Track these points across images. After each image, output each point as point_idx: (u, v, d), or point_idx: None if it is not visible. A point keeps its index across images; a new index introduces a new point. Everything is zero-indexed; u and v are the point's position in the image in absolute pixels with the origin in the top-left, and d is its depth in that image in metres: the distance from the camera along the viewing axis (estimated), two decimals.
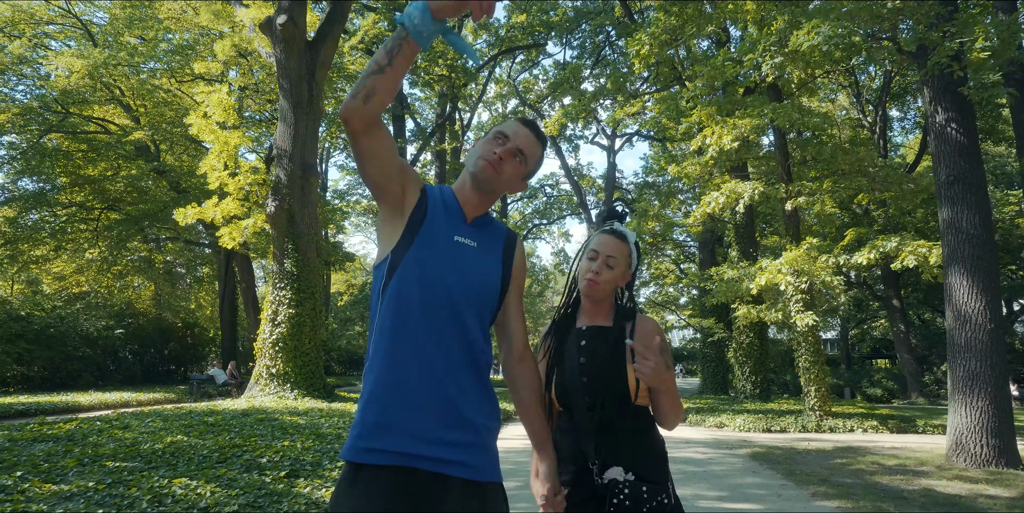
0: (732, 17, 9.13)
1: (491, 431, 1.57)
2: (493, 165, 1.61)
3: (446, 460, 1.45)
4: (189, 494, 4.17)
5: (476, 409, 1.52)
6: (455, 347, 1.52)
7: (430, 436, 1.45)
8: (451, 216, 1.63)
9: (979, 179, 7.41)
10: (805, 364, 11.84)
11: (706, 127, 9.13)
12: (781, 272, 10.08)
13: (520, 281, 1.73)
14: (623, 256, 1.93)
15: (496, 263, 1.65)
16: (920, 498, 5.51)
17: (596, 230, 2.03)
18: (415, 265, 1.53)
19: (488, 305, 1.61)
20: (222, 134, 13.19)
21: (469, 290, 1.56)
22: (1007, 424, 7.08)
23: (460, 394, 1.50)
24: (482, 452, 1.52)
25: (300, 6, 13.82)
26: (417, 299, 1.51)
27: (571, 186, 34.81)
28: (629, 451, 1.78)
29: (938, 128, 7.55)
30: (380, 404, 1.47)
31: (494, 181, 1.64)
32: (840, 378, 27.94)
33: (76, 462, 4.97)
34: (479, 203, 1.67)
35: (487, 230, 1.69)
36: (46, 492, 4.02)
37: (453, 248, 1.58)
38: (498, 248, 1.68)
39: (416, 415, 1.45)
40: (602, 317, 1.95)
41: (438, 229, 1.59)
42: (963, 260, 7.27)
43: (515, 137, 1.65)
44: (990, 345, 7.09)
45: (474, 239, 1.63)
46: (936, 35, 6.76)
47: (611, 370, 1.82)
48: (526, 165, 1.68)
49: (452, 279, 1.54)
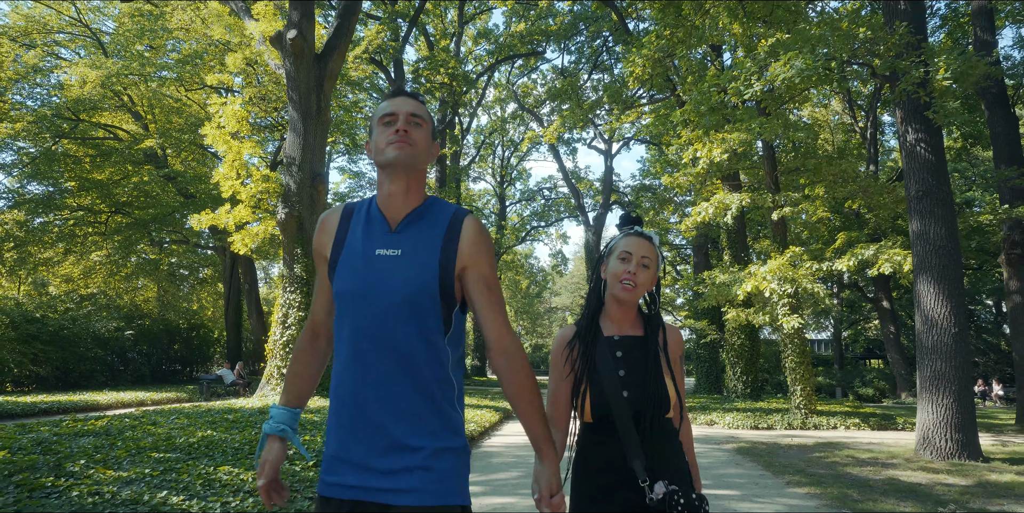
0: (719, 40, 9.72)
1: (438, 451, 1.47)
2: (404, 141, 1.55)
3: (388, 489, 1.43)
4: (234, 479, 4.75)
5: (414, 432, 1.46)
6: (389, 370, 1.48)
7: (370, 465, 1.45)
8: (371, 230, 1.58)
9: (946, 194, 8.02)
10: (791, 364, 12.45)
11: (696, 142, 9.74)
12: (766, 279, 10.69)
13: (479, 266, 1.58)
14: (654, 257, 1.90)
15: (429, 261, 1.53)
16: (883, 486, 6.11)
17: (622, 236, 1.97)
18: (341, 296, 1.54)
19: (429, 310, 1.52)
20: (235, 144, 13.77)
21: (398, 306, 1.49)
22: (970, 420, 7.69)
23: (394, 420, 1.46)
24: (430, 476, 1.45)
25: (308, 21, 14.40)
26: (348, 331, 1.52)
27: (569, 189, 35.46)
28: (669, 462, 1.79)
29: (909, 146, 8.15)
30: (331, 437, 1.53)
31: (414, 156, 1.56)
32: (833, 378, 28.55)
33: (126, 453, 5.54)
34: (406, 193, 1.59)
35: (419, 225, 1.58)
36: (109, 477, 4.59)
37: (373, 265, 1.52)
38: (435, 241, 1.56)
39: (355, 446, 1.47)
40: (629, 325, 1.92)
41: (355, 251, 1.56)
42: (930, 269, 7.88)
43: (399, 109, 1.59)
44: (954, 348, 7.70)
45: (397, 246, 1.55)
46: (905, 63, 7.37)
47: (653, 384, 1.80)
48: (427, 124, 1.62)
49: (373, 300, 1.50)
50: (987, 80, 12.08)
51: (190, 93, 21.50)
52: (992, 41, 13.29)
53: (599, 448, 1.81)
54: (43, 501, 3.89)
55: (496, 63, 26.43)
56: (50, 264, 24.44)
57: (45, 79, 20.86)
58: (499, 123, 34.21)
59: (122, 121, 22.85)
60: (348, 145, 29.80)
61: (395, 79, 24.89)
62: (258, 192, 14.17)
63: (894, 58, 7.67)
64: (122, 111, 21.98)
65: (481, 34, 26.25)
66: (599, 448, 1.81)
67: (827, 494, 5.70)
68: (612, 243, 1.97)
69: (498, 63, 26.73)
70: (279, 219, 13.80)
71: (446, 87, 22.48)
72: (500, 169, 39.55)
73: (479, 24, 28.40)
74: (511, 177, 40.46)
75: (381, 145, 1.58)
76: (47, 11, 21.18)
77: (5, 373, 16.81)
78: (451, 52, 24.79)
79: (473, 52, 28.98)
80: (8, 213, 22.03)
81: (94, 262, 25.09)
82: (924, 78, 7.39)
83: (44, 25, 20.65)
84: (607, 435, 1.80)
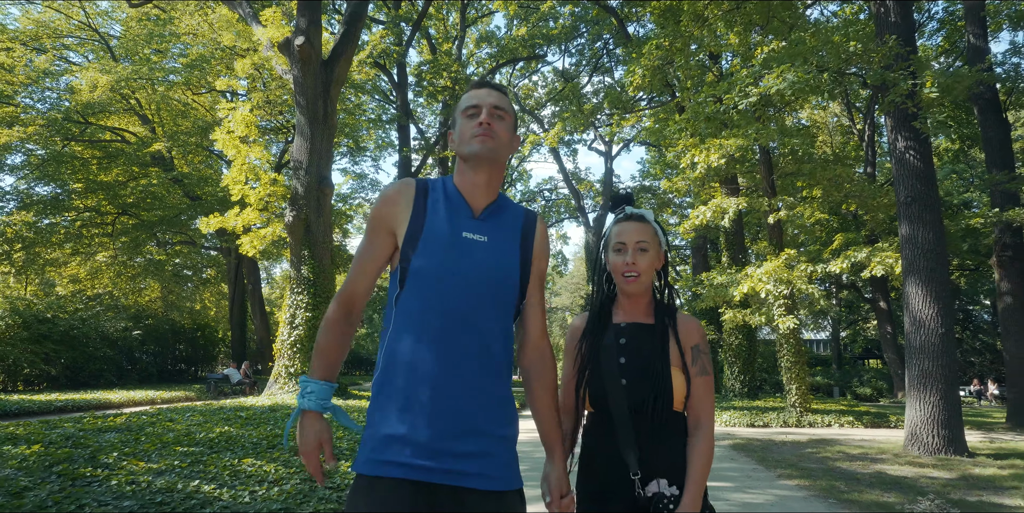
0: (716, 50, 10.07)
1: (506, 439, 1.52)
2: (487, 134, 1.57)
3: (459, 472, 1.43)
4: (258, 470, 5.07)
5: (490, 418, 1.49)
6: (470, 353, 1.49)
7: (442, 448, 1.43)
8: (456, 212, 1.59)
9: (933, 200, 8.33)
10: (787, 364, 12.77)
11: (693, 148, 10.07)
12: (762, 281, 11.01)
13: (541, 265, 1.68)
14: (651, 237, 1.81)
15: (512, 252, 1.59)
16: (870, 479, 6.43)
17: (613, 221, 1.88)
18: (422, 273, 1.51)
19: (509, 299, 1.58)
20: (244, 148, 14.10)
21: (484, 290, 1.52)
22: (956, 417, 8.00)
23: (472, 403, 1.47)
24: (496, 461, 1.48)
25: (316, 28, 14.72)
26: (426, 308, 1.50)
27: (569, 190, 35.80)
28: (672, 462, 1.67)
29: (898, 154, 8.47)
30: (387, 415, 1.47)
31: (497, 150, 1.59)
32: (831, 378, 28.87)
33: (152, 446, 5.85)
34: (487, 184, 1.62)
35: (500, 218, 1.63)
36: (142, 468, 4.90)
37: (461, 247, 1.54)
38: (515, 235, 1.62)
39: (427, 427, 1.43)
40: (641, 313, 1.83)
41: (441, 230, 1.55)
42: (919, 272, 8.19)
43: (483, 102, 1.61)
44: (941, 347, 8.01)
45: (484, 233, 1.58)
46: (894, 75, 7.69)
47: (654, 372, 1.70)
48: (510, 117, 1.65)
49: (463, 281, 1.51)
50: (979, 86, 12.42)
51: (197, 96, 21.83)
52: (985, 47, 13.60)
53: (600, 440, 1.73)
54: (85, 488, 4.21)
55: (497, 66, 26.74)
56: (57, 264, 24.77)
57: (55, 82, 21.20)
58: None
59: (129, 124, 23.20)
60: (351, 146, 30.12)
61: (398, 82, 25.21)
62: (265, 195, 14.49)
63: (884, 69, 7.99)
64: (129, 114, 22.32)
65: (483, 38, 26.55)
66: (600, 440, 1.73)
67: (816, 486, 6.02)
68: (607, 231, 1.89)
69: (499, 67, 27.03)
70: (287, 222, 14.11)
71: (448, 90, 22.80)
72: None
73: (481, 27, 28.72)
74: (512, 178, 40.77)
75: (466, 137, 1.60)
76: (56, 15, 21.54)
77: (17, 372, 17.14)
78: (453, 55, 25.12)
79: (475, 54, 29.31)
80: (17, 214, 22.35)
81: (100, 263, 25.42)
82: (912, 89, 7.71)
83: (54, 30, 20.99)
84: (608, 426, 1.72)
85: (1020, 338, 12.70)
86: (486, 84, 1.67)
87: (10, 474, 4.43)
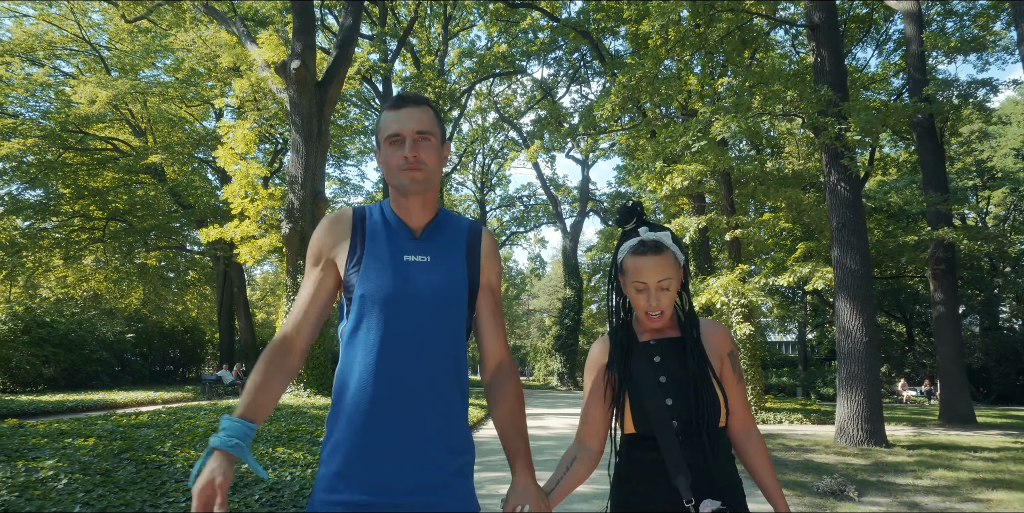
0: (677, 89, 11.37)
1: (461, 468, 1.51)
2: (414, 167, 1.52)
3: (408, 504, 1.42)
4: (290, 456, 6.15)
5: (442, 448, 1.48)
6: (420, 380, 1.47)
7: (395, 483, 1.43)
8: (395, 236, 1.57)
9: (860, 226, 9.65)
10: (743, 367, 14.10)
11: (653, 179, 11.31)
12: (718, 293, 12.30)
13: (491, 277, 1.64)
14: (673, 268, 1.66)
15: (458, 269, 1.57)
16: (797, 465, 7.68)
17: (628, 250, 1.69)
18: (366, 301, 1.49)
19: (458, 317, 1.55)
20: (245, 165, 15.08)
21: (431, 312, 1.50)
22: (877, 413, 9.32)
23: (422, 435, 1.46)
24: (452, 493, 1.47)
25: (311, 51, 15.73)
26: (372, 338, 1.48)
27: (547, 196, 37.10)
28: (720, 480, 1.61)
29: (831, 186, 9.77)
30: (339, 454, 1.45)
31: (428, 180, 1.55)
32: (796, 378, 30.30)
33: (192, 438, 6.88)
34: (422, 206, 1.59)
35: (442, 235, 1.61)
36: (195, 456, 5.95)
37: (403, 271, 1.52)
38: (459, 251, 1.60)
39: (377, 462, 1.43)
40: (667, 327, 1.74)
41: (382, 256, 1.53)
42: (847, 288, 9.50)
43: (404, 129, 1.52)
44: (865, 353, 9.33)
45: (426, 253, 1.56)
46: (824, 120, 8.98)
47: (699, 388, 1.62)
48: (435, 135, 1.57)
49: (408, 306, 1.49)
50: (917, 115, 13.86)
51: (191, 109, 22.65)
52: (924, 80, 15.05)
53: (640, 465, 1.65)
54: (156, 470, 5.25)
55: (478, 80, 27.87)
56: (44, 269, 25.21)
57: (48, 94, 21.86)
58: (480, 132, 35.69)
59: (120, 132, 23.88)
60: (334, 151, 31.00)
61: (383, 93, 26.22)
62: (263, 208, 15.48)
63: (819, 114, 9.29)
64: (122, 123, 23.04)
65: (465, 53, 27.66)
66: (640, 465, 1.65)
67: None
68: (621, 257, 1.71)
69: (479, 80, 28.17)
70: (283, 234, 15.12)
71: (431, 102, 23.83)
72: (481, 176, 40.96)
73: (462, 43, 29.81)
74: (491, 183, 41.93)
75: (392, 168, 1.54)
76: (47, 27, 22.17)
77: (18, 374, 17.88)
78: (436, 68, 26.18)
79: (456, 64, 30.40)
80: (6, 219, 22.82)
81: (87, 266, 25.94)
82: (839, 133, 8.99)
83: (48, 43, 21.66)
84: (650, 450, 1.63)
85: (951, 344, 14.15)
86: (406, 101, 1.57)
87: (89, 459, 5.45)
